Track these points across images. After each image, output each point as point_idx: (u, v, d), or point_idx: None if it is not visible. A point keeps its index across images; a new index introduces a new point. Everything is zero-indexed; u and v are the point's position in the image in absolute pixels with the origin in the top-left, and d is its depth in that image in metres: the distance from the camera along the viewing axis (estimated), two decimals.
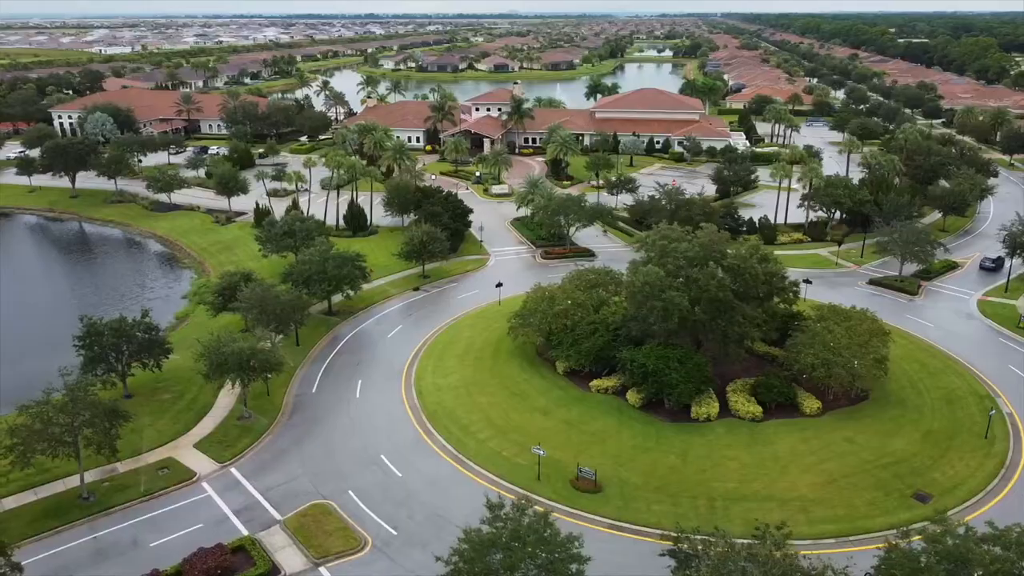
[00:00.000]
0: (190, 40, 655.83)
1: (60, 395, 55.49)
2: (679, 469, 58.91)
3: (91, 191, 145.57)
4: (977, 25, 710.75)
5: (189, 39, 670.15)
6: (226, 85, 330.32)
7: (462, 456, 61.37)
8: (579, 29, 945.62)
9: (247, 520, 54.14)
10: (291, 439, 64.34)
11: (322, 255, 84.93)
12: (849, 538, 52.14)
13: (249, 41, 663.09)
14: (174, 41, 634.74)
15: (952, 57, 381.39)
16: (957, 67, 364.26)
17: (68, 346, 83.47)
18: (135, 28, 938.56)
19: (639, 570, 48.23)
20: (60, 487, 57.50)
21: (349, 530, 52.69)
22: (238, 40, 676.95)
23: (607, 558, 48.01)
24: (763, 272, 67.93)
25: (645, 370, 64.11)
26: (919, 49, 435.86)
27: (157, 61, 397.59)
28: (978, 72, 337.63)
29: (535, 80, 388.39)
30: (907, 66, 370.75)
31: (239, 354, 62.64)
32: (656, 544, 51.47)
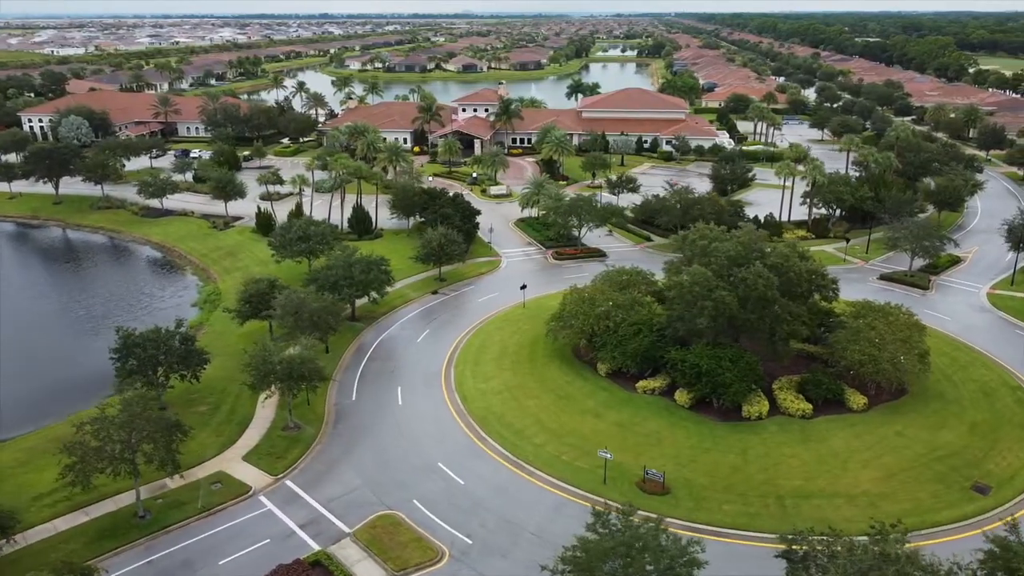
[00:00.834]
0: (144, 41, 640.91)
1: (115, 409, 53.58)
2: (741, 468, 59.05)
3: (75, 197, 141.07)
4: (925, 25, 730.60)
5: (143, 39, 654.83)
6: (191, 86, 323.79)
7: (521, 461, 60.71)
8: (538, 29, 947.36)
9: (315, 534, 52.75)
10: (341, 449, 62.98)
11: (347, 259, 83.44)
12: (920, 532, 52.70)
13: (206, 42, 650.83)
14: (128, 42, 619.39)
15: (911, 56, 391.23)
16: (916, 65, 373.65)
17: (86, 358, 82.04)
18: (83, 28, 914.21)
19: (725, 570, 48.09)
20: (111, 506, 55.38)
21: (423, 540, 51.67)
22: (194, 40, 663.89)
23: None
24: (804, 269, 68.52)
25: (698, 370, 64.15)
26: (877, 48, 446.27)
27: (116, 63, 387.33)
28: (937, 70, 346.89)
29: (504, 80, 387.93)
30: (868, 64, 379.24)
31: (289, 363, 61.07)
32: (734, 544, 51.76)
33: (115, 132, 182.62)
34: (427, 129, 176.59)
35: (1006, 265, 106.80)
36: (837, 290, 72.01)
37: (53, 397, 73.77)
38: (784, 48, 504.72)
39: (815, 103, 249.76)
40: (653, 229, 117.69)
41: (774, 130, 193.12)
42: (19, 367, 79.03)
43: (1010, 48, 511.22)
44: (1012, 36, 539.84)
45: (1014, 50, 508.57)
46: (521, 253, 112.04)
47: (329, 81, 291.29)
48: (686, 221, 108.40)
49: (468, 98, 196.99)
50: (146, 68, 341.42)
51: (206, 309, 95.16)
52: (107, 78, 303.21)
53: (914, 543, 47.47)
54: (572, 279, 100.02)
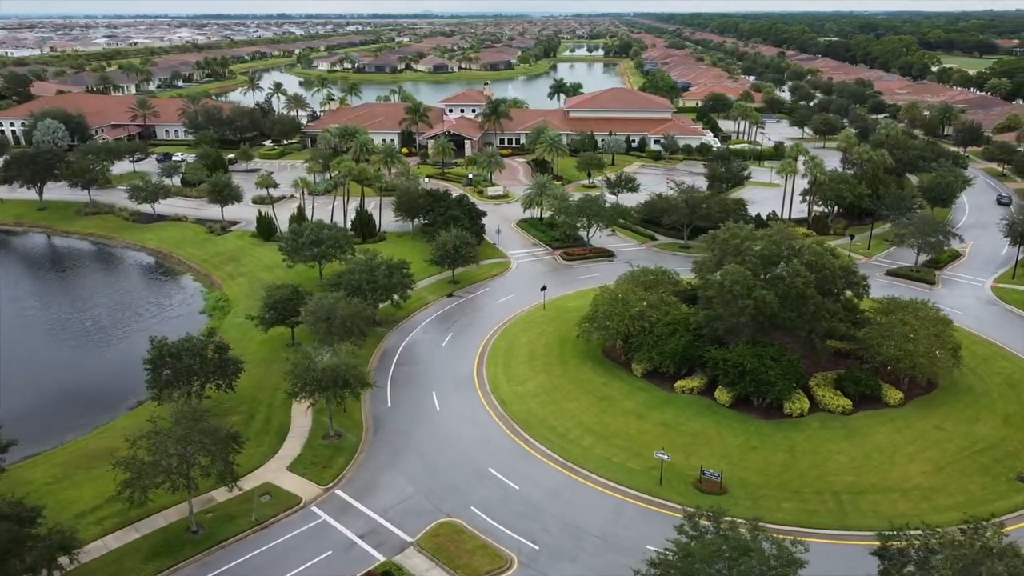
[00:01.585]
0: (101, 41, 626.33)
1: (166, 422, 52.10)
2: (791, 466, 59.47)
3: (60, 203, 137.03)
4: (881, 25, 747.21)
5: (99, 40, 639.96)
6: (159, 88, 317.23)
7: (572, 464, 60.37)
8: (501, 29, 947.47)
9: (376, 544, 51.81)
10: (386, 456, 62.00)
11: (368, 263, 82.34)
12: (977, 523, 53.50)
13: (165, 42, 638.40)
14: (84, 43, 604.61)
15: (875, 55, 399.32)
16: (880, 64, 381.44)
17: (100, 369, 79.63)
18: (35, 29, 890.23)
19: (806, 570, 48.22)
20: (161, 521, 53.75)
21: (490, 547, 51.05)
22: (153, 41, 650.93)
23: None
24: (838, 267, 69.30)
25: (742, 369, 64.46)
26: (840, 47, 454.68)
27: (78, 64, 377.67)
28: (901, 69, 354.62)
29: (476, 80, 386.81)
30: (834, 64, 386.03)
31: (333, 371, 59.94)
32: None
33: (92, 136, 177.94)
34: (415, 130, 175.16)
35: (1003, 259, 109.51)
36: (868, 287, 72.99)
37: (73, 410, 71.56)
38: (749, 48, 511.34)
39: (791, 102, 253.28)
40: (656, 228, 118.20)
41: (757, 129, 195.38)
42: (33, 380, 76.39)
43: (965, 47, 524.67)
44: (967, 36, 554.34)
45: (969, 49, 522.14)
46: (528, 254, 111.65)
47: (297, 82, 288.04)
48: (693, 220, 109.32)
49: (454, 99, 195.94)
50: (111, 69, 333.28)
51: (216, 316, 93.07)
52: (72, 80, 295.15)
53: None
54: (585, 279, 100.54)
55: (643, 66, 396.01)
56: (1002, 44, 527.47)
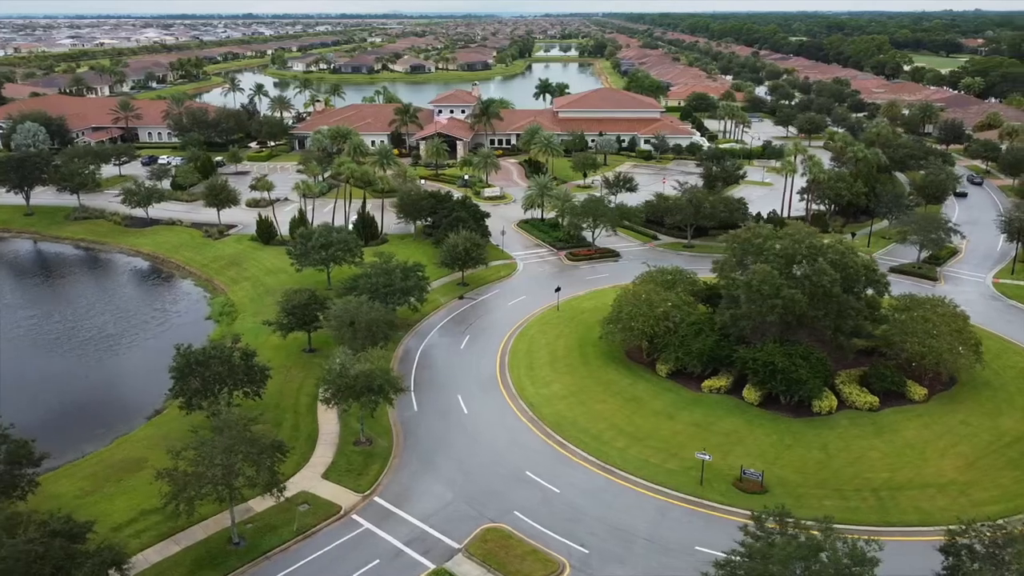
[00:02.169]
0: (66, 42, 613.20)
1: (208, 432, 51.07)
2: (827, 463, 59.92)
3: (47, 208, 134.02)
4: (848, 24, 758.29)
5: (64, 41, 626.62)
6: (133, 89, 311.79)
7: (609, 466, 60.23)
8: (473, 29, 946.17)
9: (424, 551, 51.23)
10: (420, 461, 61.37)
11: (384, 266, 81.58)
12: (1012, 518, 54.25)
13: (132, 43, 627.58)
14: (49, 43, 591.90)
15: (847, 54, 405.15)
16: (853, 63, 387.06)
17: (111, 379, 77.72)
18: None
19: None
20: (201, 533, 52.63)
21: (540, 552, 50.72)
22: (119, 42, 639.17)
23: None
24: (861, 265, 70.00)
25: (773, 367, 64.80)
26: (813, 47, 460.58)
27: (47, 65, 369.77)
28: (874, 68, 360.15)
29: (453, 81, 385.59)
30: (809, 63, 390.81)
31: (367, 377, 59.19)
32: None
33: (73, 139, 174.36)
34: (404, 132, 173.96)
35: (999, 254, 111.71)
36: (888, 284, 73.83)
37: (89, 421, 69.93)
38: (723, 47, 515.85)
39: (772, 101, 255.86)
40: (658, 228, 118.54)
41: (743, 128, 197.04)
42: (45, 391, 74.36)
43: (932, 47, 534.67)
44: (933, 35, 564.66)
45: (936, 48, 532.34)
46: (533, 255, 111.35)
47: (272, 83, 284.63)
48: (698, 220, 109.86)
49: (443, 99, 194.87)
50: (83, 70, 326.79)
51: (224, 322, 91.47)
52: (44, 82, 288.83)
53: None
54: (594, 280, 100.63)
55: (620, 66, 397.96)
56: (967, 44, 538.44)
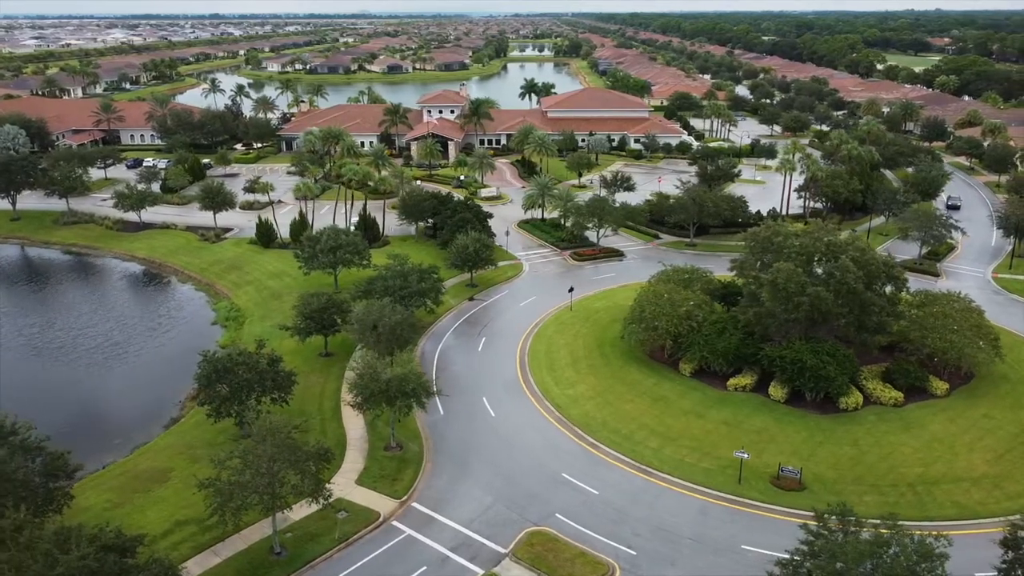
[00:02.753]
0: (30, 43, 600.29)
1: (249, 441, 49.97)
2: (860, 459, 60.30)
3: (34, 212, 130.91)
4: (816, 24, 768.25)
5: (28, 42, 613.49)
6: (106, 91, 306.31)
7: (645, 467, 60.07)
8: (445, 29, 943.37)
9: (470, 557, 50.64)
10: (453, 465, 60.70)
11: (400, 268, 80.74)
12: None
13: (99, 43, 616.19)
14: (12, 44, 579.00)
15: (821, 53, 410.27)
16: (827, 62, 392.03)
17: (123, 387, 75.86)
18: None
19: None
20: (240, 543, 51.48)
21: (588, 555, 50.38)
22: (86, 43, 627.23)
23: None
24: (881, 262, 70.64)
25: (801, 365, 65.08)
26: (787, 46, 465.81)
27: (15, 67, 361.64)
28: (848, 67, 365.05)
29: (431, 81, 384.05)
30: (783, 62, 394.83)
31: (400, 381, 58.40)
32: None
33: (54, 142, 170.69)
34: (394, 132, 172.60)
35: (994, 249, 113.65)
36: (907, 280, 74.57)
37: (104, 431, 68.32)
38: (697, 47, 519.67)
39: (753, 100, 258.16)
40: (659, 227, 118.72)
41: (730, 127, 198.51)
42: (55, 402, 72.33)
43: (900, 46, 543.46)
44: (902, 35, 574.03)
45: (903, 47, 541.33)
46: (536, 256, 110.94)
47: (246, 83, 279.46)
48: (702, 218, 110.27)
49: (432, 99, 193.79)
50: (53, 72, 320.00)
51: (231, 327, 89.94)
52: (14, 84, 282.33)
53: None
54: (602, 280, 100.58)
55: (598, 66, 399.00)
56: (934, 43, 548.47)
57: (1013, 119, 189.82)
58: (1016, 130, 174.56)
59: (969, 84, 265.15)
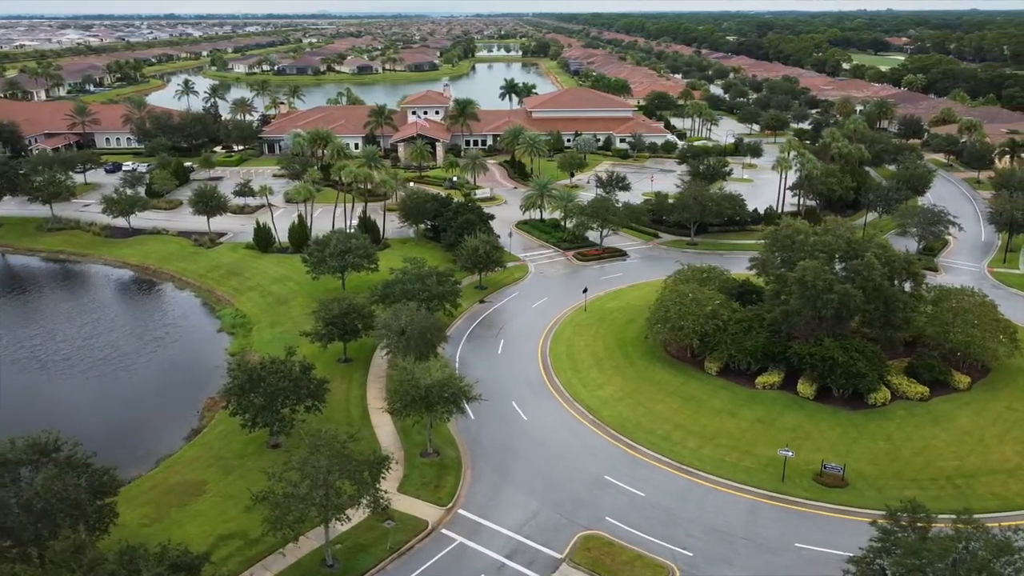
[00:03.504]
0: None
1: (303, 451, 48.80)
2: (896, 454, 60.95)
3: (14, 219, 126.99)
4: (776, 24, 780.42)
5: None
6: (70, 93, 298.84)
7: (686, 467, 60.03)
8: (408, 29, 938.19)
9: (527, 563, 50.07)
10: (493, 471, 60.04)
11: (417, 271, 79.76)
12: None
13: (54, 44, 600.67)
14: None
15: (787, 53, 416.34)
16: (794, 62, 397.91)
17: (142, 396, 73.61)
18: None
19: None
20: (289, 557, 50.22)
21: (645, 558, 50.15)
22: (41, 43, 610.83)
23: None
24: (903, 259, 71.61)
25: (833, 362, 65.65)
26: (753, 45, 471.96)
27: None
28: (815, 66, 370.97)
29: (401, 82, 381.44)
30: (751, 61, 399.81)
31: (441, 387, 57.57)
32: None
33: (27, 146, 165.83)
34: (379, 133, 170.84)
35: (984, 244, 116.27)
36: (925, 277, 75.68)
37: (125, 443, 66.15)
38: (663, 47, 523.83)
39: (728, 99, 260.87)
40: (658, 226, 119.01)
41: (711, 125, 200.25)
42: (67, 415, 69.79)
43: (860, 45, 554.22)
44: (861, 34, 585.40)
45: (863, 47, 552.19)
46: (540, 256, 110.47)
47: (210, 84, 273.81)
48: (704, 217, 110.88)
49: (416, 100, 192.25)
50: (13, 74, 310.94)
51: (239, 334, 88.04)
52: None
53: None
54: (610, 280, 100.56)
55: (569, 66, 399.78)
56: (893, 42, 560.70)
57: (984, 116, 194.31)
58: (990, 127, 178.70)
59: (936, 82, 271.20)
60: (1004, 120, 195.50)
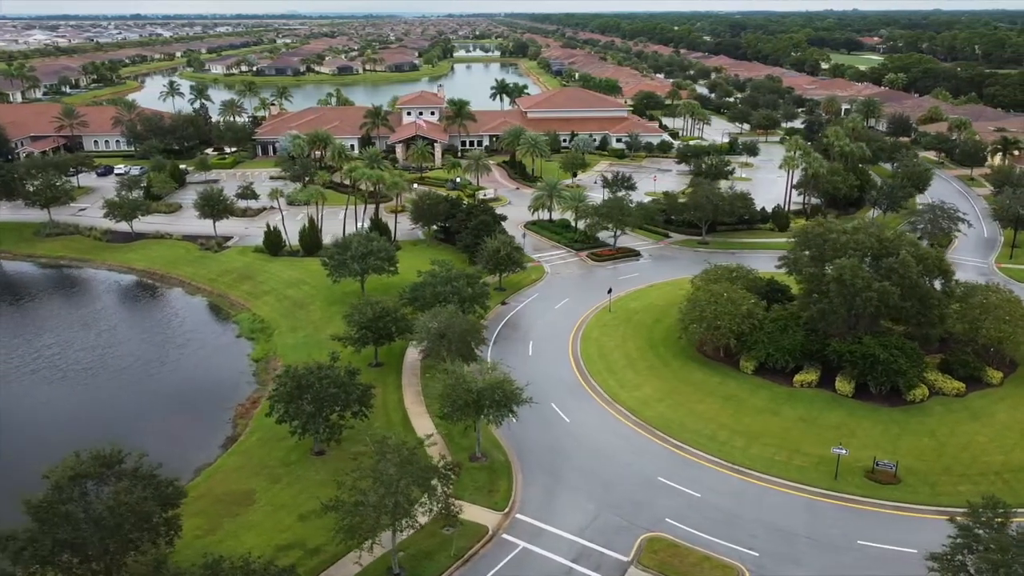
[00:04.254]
0: None
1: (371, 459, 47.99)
2: (942, 450, 61.49)
3: (9, 224, 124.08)
4: (748, 24, 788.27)
5: None
6: (46, 95, 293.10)
7: (737, 466, 60.02)
8: (381, 29, 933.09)
9: (595, 567, 49.68)
10: (544, 474, 59.55)
11: (447, 273, 79.07)
12: None
13: (21, 45, 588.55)
14: None
15: (766, 52, 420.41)
16: (772, 61, 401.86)
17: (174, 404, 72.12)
18: None
19: None
20: (353, 567, 49.31)
21: (713, 559, 50.01)
22: (8, 44, 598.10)
23: None
24: (935, 257, 72.38)
25: (874, 359, 66.10)
26: (731, 45, 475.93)
27: None
28: (794, 66, 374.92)
29: (382, 83, 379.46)
30: (731, 61, 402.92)
31: (494, 390, 56.99)
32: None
33: (13, 149, 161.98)
34: (375, 135, 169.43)
35: (987, 241, 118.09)
36: (954, 273, 76.54)
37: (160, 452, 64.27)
38: (640, 47, 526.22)
39: (715, 98, 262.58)
40: (667, 226, 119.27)
41: (704, 125, 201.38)
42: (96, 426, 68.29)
43: (833, 44, 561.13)
44: (834, 34, 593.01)
45: (836, 46, 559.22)
46: (554, 257, 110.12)
47: (188, 85, 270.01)
48: (717, 216, 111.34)
49: (411, 100, 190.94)
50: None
51: (260, 339, 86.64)
52: None
53: None
54: (627, 280, 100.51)
55: (551, 66, 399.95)
56: (866, 41, 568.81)
57: (969, 115, 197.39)
58: (977, 125, 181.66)
59: (916, 81, 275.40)
60: (989, 118, 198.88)
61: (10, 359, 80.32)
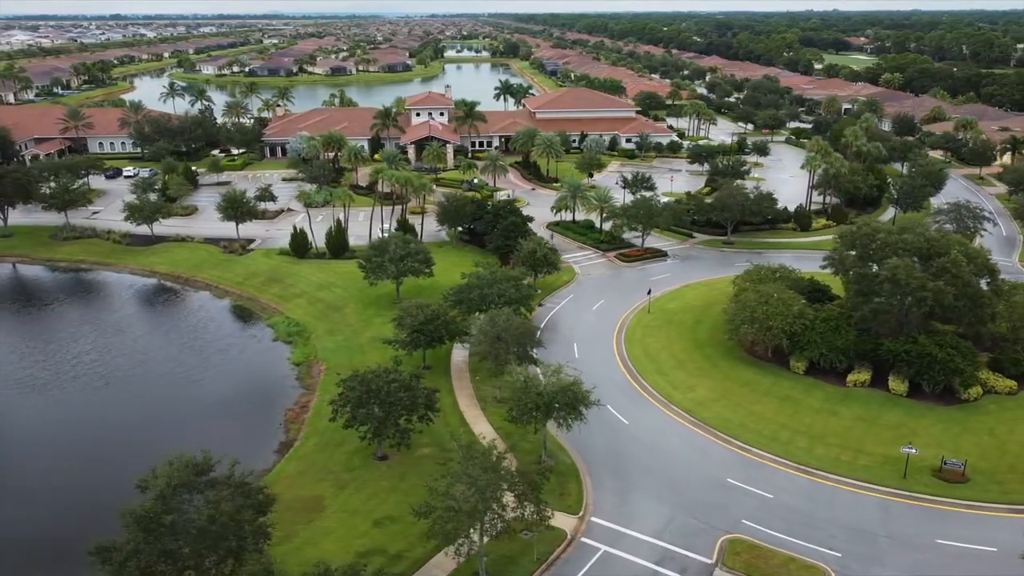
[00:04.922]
0: None
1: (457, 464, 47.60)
2: (1004, 448, 61.91)
3: (26, 228, 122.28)
4: (733, 24, 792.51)
5: None
6: (39, 96, 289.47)
7: (804, 466, 60.12)
8: (367, 30, 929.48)
9: (680, 570, 49.61)
10: (612, 477, 59.40)
11: (492, 276, 78.68)
12: None
13: (4, 46, 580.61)
14: None
15: (758, 53, 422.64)
16: (765, 61, 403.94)
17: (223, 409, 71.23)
18: None
19: None
20: (437, 572, 48.94)
21: (797, 560, 50.02)
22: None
23: None
24: (983, 257, 72.89)
25: (931, 359, 66.42)
26: (723, 45, 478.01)
27: None
28: (787, 66, 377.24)
29: (375, 83, 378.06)
30: (724, 61, 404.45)
31: (564, 392, 56.71)
32: None
33: (19, 152, 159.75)
34: (385, 136, 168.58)
35: (1007, 239, 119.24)
36: (999, 272, 77.12)
37: None
38: (631, 47, 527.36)
39: (715, 99, 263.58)
40: (691, 226, 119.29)
41: (710, 125, 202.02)
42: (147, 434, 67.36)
43: (822, 44, 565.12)
44: (822, 34, 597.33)
45: (824, 46, 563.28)
46: (581, 258, 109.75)
47: (180, 86, 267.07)
48: (744, 216, 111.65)
49: (419, 101, 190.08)
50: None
51: (298, 344, 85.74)
52: None
53: None
54: (659, 280, 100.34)
55: (545, 67, 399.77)
56: (853, 41, 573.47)
57: (971, 114, 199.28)
58: (982, 124, 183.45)
59: (912, 81, 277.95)
60: (992, 118, 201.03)
61: (49, 366, 79.05)
